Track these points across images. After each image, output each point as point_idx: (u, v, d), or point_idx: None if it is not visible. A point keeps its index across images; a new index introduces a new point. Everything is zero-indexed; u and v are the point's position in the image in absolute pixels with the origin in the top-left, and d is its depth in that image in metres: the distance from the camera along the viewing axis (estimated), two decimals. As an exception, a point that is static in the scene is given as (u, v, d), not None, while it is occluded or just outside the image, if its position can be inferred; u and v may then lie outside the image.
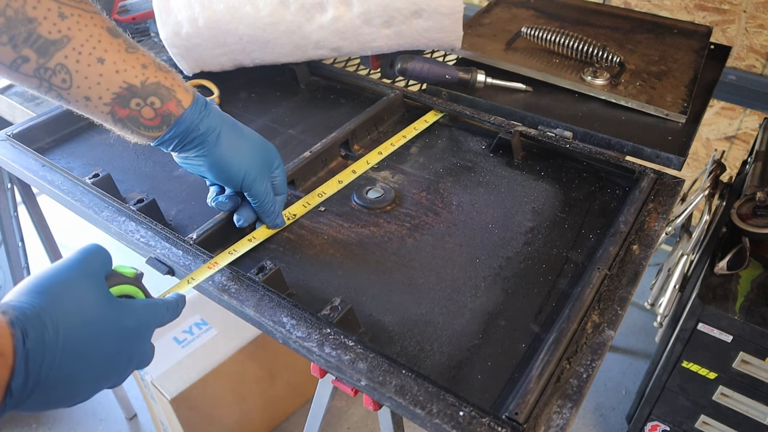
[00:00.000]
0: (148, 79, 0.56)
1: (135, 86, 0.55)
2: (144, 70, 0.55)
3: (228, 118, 0.62)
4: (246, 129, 0.63)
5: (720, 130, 1.65)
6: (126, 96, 0.55)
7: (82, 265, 0.45)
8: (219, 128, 0.60)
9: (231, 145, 0.60)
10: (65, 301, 0.42)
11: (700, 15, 1.52)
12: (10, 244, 1.22)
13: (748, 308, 0.98)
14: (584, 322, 0.55)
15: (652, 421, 1.25)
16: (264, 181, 0.63)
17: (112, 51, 0.54)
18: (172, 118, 0.57)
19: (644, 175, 0.73)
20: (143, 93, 0.55)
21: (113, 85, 0.54)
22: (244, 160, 0.61)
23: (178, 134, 0.58)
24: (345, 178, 0.76)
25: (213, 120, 0.59)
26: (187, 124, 0.58)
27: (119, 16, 1.21)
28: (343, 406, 1.56)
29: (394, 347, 0.56)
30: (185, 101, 0.58)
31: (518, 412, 0.47)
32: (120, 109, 0.55)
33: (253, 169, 0.61)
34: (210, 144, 0.59)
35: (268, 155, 0.64)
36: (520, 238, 0.68)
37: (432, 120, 0.87)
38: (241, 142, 0.61)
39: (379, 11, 0.86)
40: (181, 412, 1.20)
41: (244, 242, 0.65)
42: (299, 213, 0.71)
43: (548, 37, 1.00)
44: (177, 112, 0.57)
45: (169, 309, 0.50)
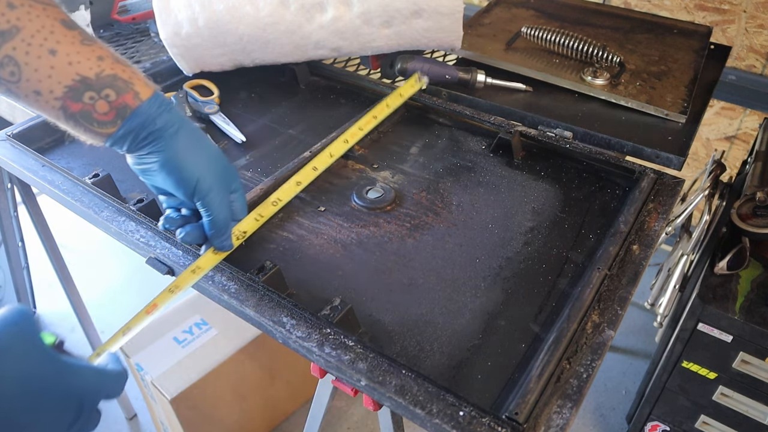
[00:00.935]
0: (104, 71, 0.52)
1: (89, 78, 0.52)
2: (100, 62, 0.52)
3: (189, 122, 0.58)
4: (209, 139, 0.59)
5: (720, 130, 1.65)
6: (79, 89, 0.52)
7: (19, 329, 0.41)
8: (177, 126, 0.55)
9: (188, 145, 0.56)
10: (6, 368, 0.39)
11: (700, 15, 1.52)
12: (10, 244, 1.22)
13: (748, 308, 0.98)
14: (584, 322, 0.55)
15: (652, 421, 1.25)
16: (221, 193, 0.58)
17: (65, 43, 0.51)
18: (127, 111, 0.53)
19: (644, 175, 0.73)
20: (98, 85, 0.52)
21: (65, 78, 0.51)
22: (201, 163, 0.56)
23: (133, 129, 0.54)
24: (304, 179, 0.72)
25: (172, 117, 0.55)
26: (143, 117, 0.54)
27: (119, 16, 1.21)
28: (343, 406, 1.56)
29: (394, 347, 0.56)
30: (143, 94, 0.54)
31: (518, 412, 0.47)
32: (72, 103, 0.52)
33: (208, 176, 0.56)
34: (166, 140, 0.55)
35: (228, 172, 0.59)
36: (520, 238, 0.68)
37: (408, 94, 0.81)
38: (200, 147, 0.57)
39: (379, 11, 0.86)
40: (181, 412, 1.20)
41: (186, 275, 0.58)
42: (250, 229, 0.65)
43: (548, 37, 1.00)
44: (133, 104, 0.53)
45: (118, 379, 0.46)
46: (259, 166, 0.81)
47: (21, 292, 1.36)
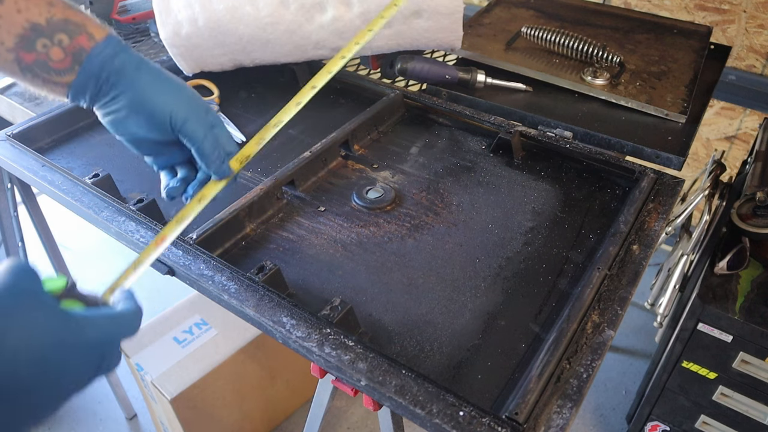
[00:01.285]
0: (55, 16, 0.50)
1: (40, 24, 0.49)
2: (50, 7, 0.50)
3: (148, 60, 0.54)
4: (172, 74, 0.56)
5: (720, 130, 1.65)
6: (30, 37, 0.49)
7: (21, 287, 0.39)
8: (137, 62, 0.53)
9: (152, 81, 0.53)
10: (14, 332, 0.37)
11: (700, 15, 1.52)
12: (10, 244, 1.22)
13: (748, 308, 0.98)
14: (584, 322, 0.55)
15: (652, 421, 1.25)
16: (199, 119, 0.54)
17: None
18: (83, 54, 0.51)
19: (644, 175, 0.73)
20: (49, 31, 0.49)
21: (15, 27, 0.49)
22: (170, 94, 0.53)
23: (93, 73, 0.51)
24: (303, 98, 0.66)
25: (130, 55, 0.52)
26: (101, 59, 0.51)
27: (119, 16, 1.21)
28: (343, 406, 1.56)
29: (394, 347, 0.56)
30: (98, 35, 0.51)
31: (518, 412, 0.47)
32: (25, 54, 0.50)
33: (182, 106, 0.53)
34: (128, 79, 0.52)
35: (200, 101, 0.56)
36: (520, 238, 0.68)
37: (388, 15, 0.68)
38: (165, 80, 0.54)
39: (379, 11, 0.86)
40: (181, 412, 1.20)
41: (192, 204, 0.56)
42: (252, 152, 0.60)
43: (548, 37, 1.00)
44: (88, 46, 0.51)
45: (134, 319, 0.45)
46: (259, 166, 0.81)
47: (21, 292, 1.36)
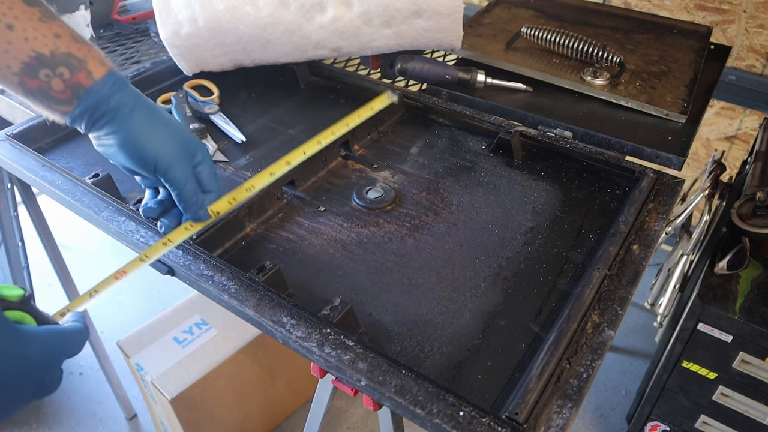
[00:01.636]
0: (59, 48, 0.53)
1: (44, 55, 0.52)
2: (56, 39, 0.53)
3: (145, 99, 0.57)
4: (166, 114, 0.59)
5: (720, 130, 1.65)
6: (35, 66, 0.52)
7: None
8: (132, 104, 0.56)
9: (145, 123, 0.56)
10: None
11: (700, 15, 1.52)
12: (10, 244, 1.22)
13: (748, 308, 0.98)
14: (584, 322, 0.55)
15: (652, 421, 1.25)
16: (183, 166, 0.57)
17: (23, 18, 0.51)
18: (81, 90, 0.54)
19: (644, 175, 0.73)
20: (52, 63, 0.52)
21: (21, 54, 0.52)
22: (158, 140, 0.56)
23: (88, 108, 0.54)
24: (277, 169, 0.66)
25: (127, 95, 0.55)
26: (98, 96, 0.54)
27: (119, 16, 1.21)
28: (343, 406, 1.56)
29: (394, 347, 0.56)
30: (96, 73, 0.54)
31: (518, 412, 0.47)
32: (29, 80, 0.53)
33: (168, 152, 0.56)
34: (121, 120, 0.55)
35: (190, 144, 0.58)
36: (520, 238, 0.68)
37: (378, 107, 0.75)
38: (158, 123, 0.57)
39: (379, 11, 0.86)
40: (181, 412, 1.20)
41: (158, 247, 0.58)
42: (223, 210, 0.62)
43: (548, 37, 1.00)
44: (86, 84, 0.54)
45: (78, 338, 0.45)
46: (259, 166, 0.81)
47: (21, 292, 1.36)
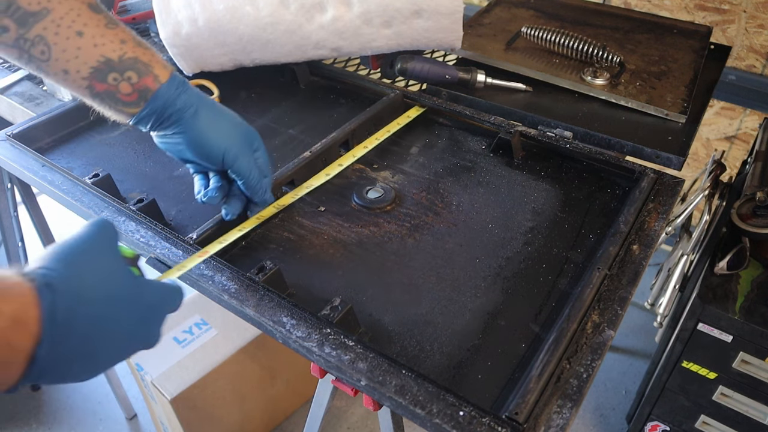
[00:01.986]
0: (126, 53, 0.56)
1: (113, 60, 0.55)
2: (122, 45, 0.56)
3: (206, 97, 0.61)
4: (225, 109, 0.63)
5: (720, 130, 1.65)
6: (104, 70, 0.55)
7: (103, 238, 0.44)
8: (196, 104, 0.59)
9: (209, 121, 0.60)
10: (93, 274, 0.41)
11: (700, 15, 1.52)
12: (10, 244, 1.22)
13: (748, 308, 0.98)
14: (584, 322, 0.55)
15: (652, 421, 1.25)
16: (247, 157, 0.62)
17: (91, 25, 0.54)
18: (149, 93, 0.57)
19: (644, 175, 0.74)
20: (120, 67, 0.56)
21: (91, 59, 0.55)
22: (223, 135, 0.60)
23: (156, 110, 0.58)
24: (332, 170, 0.76)
25: (190, 96, 0.59)
26: (164, 99, 0.58)
27: (119, 16, 1.21)
28: (343, 406, 1.56)
29: (394, 347, 0.56)
30: (162, 76, 0.58)
31: (518, 412, 0.47)
32: (98, 83, 0.56)
33: (234, 145, 0.61)
34: (187, 120, 0.59)
35: (249, 134, 0.63)
36: (520, 238, 0.68)
37: (414, 115, 0.87)
38: (220, 119, 0.61)
39: (379, 11, 0.86)
40: (181, 412, 1.20)
41: (233, 232, 0.65)
42: (286, 202, 0.71)
43: (548, 37, 1.00)
44: (154, 87, 0.57)
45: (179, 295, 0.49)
46: (259, 166, 0.81)
47: (21, 292, 1.36)
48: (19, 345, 0.36)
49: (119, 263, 0.44)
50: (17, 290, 0.36)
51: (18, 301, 0.36)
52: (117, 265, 0.44)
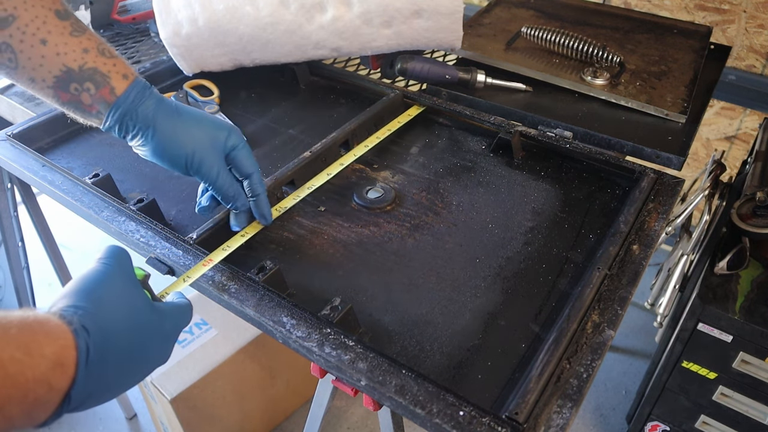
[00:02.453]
0: (86, 63, 0.55)
1: (73, 70, 0.55)
2: (84, 54, 0.55)
3: (168, 104, 0.60)
4: (192, 111, 0.61)
5: (720, 130, 1.65)
6: (65, 79, 0.55)
7: (122, 271, 0.46)
8: (153, 114, 0.58)
9: (171, 127, 0.58)
10: (118, 309, 0.43)
11: (700, 15, 1.52)
12: (10, 244, 1.22)
13: (748, 308, 0.98)
14: (584, 322, 0.55)
15: (652, 421, 1.25)
16: (213, 161, 0.60)
17: (55, 33, 0.54)
18: (106, 106, 0.56)
19: (644, 175, 0.73)
20: (80, 77, 0.55)
21: (54, 68, 0.54)
22: (186, 141, 0.58)
23: (117, 121, 0.57)
24: (332, 170, 0.76)
25: (147, 107, 0.58)
26: (122, 111, 0.57)
27: (119, 16, 1.21)
28: (343, 406, 1.56)
29: (394, 347, 0.56)
30: (119, 88, 0.57)
31: (518, 412, 0.47)
32: (61, 92, 0.55)
33: (197, 150, 0.59)
34: (148, 129, 0.58)
35: (218, 133, 0.60)
36: (520, 238, 0.68)
37: (414, 113, 0.87)
38: (183, 124, 0.59)
39: (379, 11, 0.86)
40: (181, 412, 1.20)
41: (237, 238, 0.65)
42: (289, 204, 0.70)
43: (548, 37, 1.00)
44: (110, 99, 0.56)
45: (190, 312, 0.52)
46: (260, 165, 0.81)
47: (21, 292, 1.36)
48: (58, 386, 0.37)
49: (139, 293, 0.46)
50: (57, 332, 0.38)
51: (58, 344, 0.37)
52: (138, 296, 0.45)
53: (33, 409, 0.36)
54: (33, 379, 0.36)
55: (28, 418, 0.36)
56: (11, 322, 0.36)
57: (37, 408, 0.36)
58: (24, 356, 0.35)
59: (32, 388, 0.36)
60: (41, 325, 0.37)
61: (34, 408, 0.36)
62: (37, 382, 0.36)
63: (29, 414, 0.36)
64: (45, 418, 0.38)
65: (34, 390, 0.36)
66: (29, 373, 0.35)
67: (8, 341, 0.35)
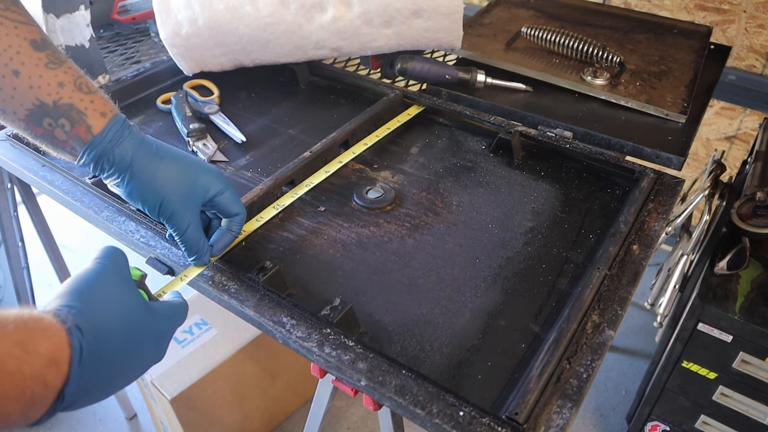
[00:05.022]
0: (62, 98, 0.52)
1: (47, 105, 0.51)
2: (60, 88, 0.52)
3: (148, 145, 0.56)
4: (174, 153, 0.57)
5: (720, 130, 1.65)
6: (38, 114, 0.52)
7: (117, 270, 0.45)
8: (131, 158, 0.54)
9: (149, 172, 0.55)
10: (112, 309, 0.43)
11: (700, 15, 1.52)
12: (10, 244, 1.22)
13: (748, 308, 0.98)
14: (584, 322, 0.55)
15: (652, 421, 1.25)
16: (186, 212, 0.56)
17: (29, 65, 0.51)
18: (82, 144, 0.53)
19: (644, 175, 0.73)
20: (54, 113, 0.52)
21: (26, 101, 0.51)
22: (159, 189, 0.55)
23: (92, 160, 0.54)
24: (331, 167, 0.76)
25: (125, 149, 0.54)
26: (98, 151, 0.53)
27: (119, 16, 1.21)
28: (343, 406, 1.56)
29: (394, 347, 0.56)
30: (96, 127, 0.53)
31: (518, 412, 0.47)
32: (34, 126, 0.52)
33: (172, 199, 0.55)
34: (126, 172, 0.54)
35: (199, 181, 0.57)
36: (520, 238, 0.68)
37: (414, 113, 0.87)
38: (162, 169, 0.55)
39: (379, 11, 0.86)
40: (181, 412, 1.20)
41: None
42: (286, 202, 0.69)
43: (548, 37, 1.00)
44: (86, 138, 0.53)
45: (185, 311, 0.51)
46: (259, 166, 0.81)
47: (21, 292, 1.36)
48: (53, 383, 0.38)
49: (133, 293, 0.46)
50: (52, 330, 0.38)
51: (53, 342, 0.38)
52: (132, 296, 0.45)
53: (29, 407, 0.36)
54: (30, 376, 0.36)
55: (24, 416, 0.37)
56: (7, 320, 0.37)
57: (33, 405, 0.37)
58: (21, 353, 0.36)
59: (29, 386, 0.36)
60: (36, 322, 0.38)
61: (30, 405, 0.36)
62: (34, 379, 0.36)
63: (25, 412, 0.36)
64: (39, 416, 0.38)
65: (31, 387, 0.36)
66: (26, 370, 0.36)
67: (5, 338, 0.36)
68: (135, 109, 0.93)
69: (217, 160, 0.82)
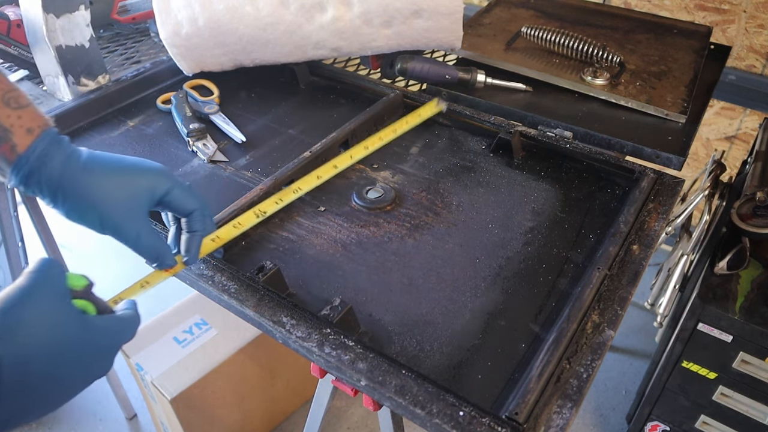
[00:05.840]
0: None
1: None
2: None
3: (77, 158, 0.51)
4: (108, 162, 0.53)
5: (720, 130, 1.65)
6: None
7: (50, 285, 0.42)
8: (59, 174, 0.50)
9: (80, 188, 0.51)
10: (39, 331, 0.40)
11: (700, 15, 1.52)
12: (10, 244, 1.22)
13: (748, 308, 0.98)
14: (584, 322, 0.55)
15: (652, 421, 1.25)
16: (130, 222, 0.52)
17: None
18: (7, 163, 0.50)
19: (644, 175, 0.74)
20: None
21: None
22: (96, 204, 0.51)
23: (21, 181, 0.50)
24: (340, 164, 0.73)
25: (54, 167, 0.50)
26: (25, 171, 0.50)
27: (119, 16, 1.21)
28: (343, 406, 1.56)
29: (394, 347, 0.56)
30: (21, 145, 0.49)
31: (518, 412, 0.47)
32: None
33: (110, 213, 0.51)
34: (57, 192, 0.50)
35: (139, 185, 0.53)
36: (520, 238, 0.68)
37: (426, 115, 0.84)
38: (94, 183, 0.51)
39: (379, 11, 0.86)
40: (181, 412, 1.20)
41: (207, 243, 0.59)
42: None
43: (548, 37, 1.00)
44: (11, 158, 0.49)
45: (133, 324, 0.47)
46: (259, 166, 0.81)
47: (21, 292, 1.36)
48: None
49: (66, 310, 0.42)
50: None
51: None
52: (64, 313, 0.42)
53: None
54: None
55: None
56: None
57: None
58: None
59: None
60: None
61: None
62: None
63: None
64: None
65: None
66: None
67: None
68: (135, 109, 0.93)
69: (217, 160, 0.82)
